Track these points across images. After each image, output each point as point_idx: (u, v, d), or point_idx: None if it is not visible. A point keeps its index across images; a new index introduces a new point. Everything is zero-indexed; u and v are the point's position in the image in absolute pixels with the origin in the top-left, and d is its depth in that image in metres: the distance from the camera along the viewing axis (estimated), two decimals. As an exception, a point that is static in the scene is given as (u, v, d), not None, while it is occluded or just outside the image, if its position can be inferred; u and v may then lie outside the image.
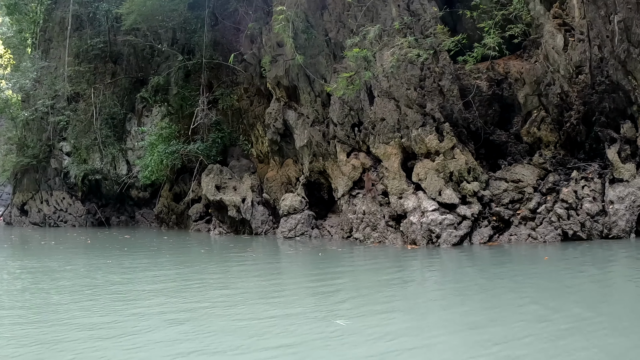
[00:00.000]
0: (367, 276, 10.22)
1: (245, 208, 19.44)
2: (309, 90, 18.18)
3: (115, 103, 23.23)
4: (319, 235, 17.37)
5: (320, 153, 17.60)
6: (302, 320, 6.61)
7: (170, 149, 20.68)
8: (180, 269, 11.56)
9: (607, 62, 13.30)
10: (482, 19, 15.53)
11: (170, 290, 8.94)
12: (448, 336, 5.83)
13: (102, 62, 23.47)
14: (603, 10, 13.33)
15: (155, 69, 22.99)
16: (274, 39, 19.02)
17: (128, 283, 9.76)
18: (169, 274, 10.82)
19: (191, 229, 21.63)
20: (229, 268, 12.01)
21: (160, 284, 9.74)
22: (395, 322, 6.46)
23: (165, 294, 8.63)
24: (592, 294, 7.85)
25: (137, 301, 8.10)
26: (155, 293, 8.78)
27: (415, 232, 13.63)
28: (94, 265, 12.28)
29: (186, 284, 9.64)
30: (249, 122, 21.78)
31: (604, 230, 12.78)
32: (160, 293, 8.76)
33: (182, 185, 23.25)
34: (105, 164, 23.94)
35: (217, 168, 20.56)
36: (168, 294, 8.62)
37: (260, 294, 8.54)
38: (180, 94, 22.26)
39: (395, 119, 14.94)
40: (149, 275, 10.86)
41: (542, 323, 6.10)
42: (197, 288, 9.20)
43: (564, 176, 13.61)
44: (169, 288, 9.21)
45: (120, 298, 8.30)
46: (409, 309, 7.30)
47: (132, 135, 23.94)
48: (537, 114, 14.13)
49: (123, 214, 25.44)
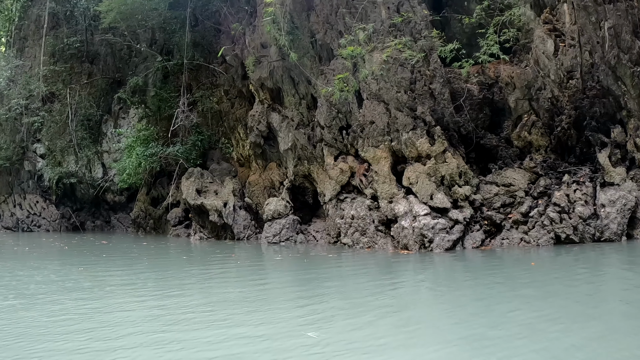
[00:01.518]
0: (357, 282, 9.95)
1: (227, 213, 18.96)
2: (293, 92, 17.88)
3: (91, 104, 22.48)
4: (304, 240, 17.04)
5: (306, 157, 17.30)
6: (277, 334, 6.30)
7: (148, 151, 20.07)
8: (168, 279, 11.09)
9: (598, 68, 13.37)
10: (471, 24, 15.53)
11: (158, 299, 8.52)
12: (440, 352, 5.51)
13: (79, 62, 22.71)
14: (594, 17, 13.40)
15: (133, 70, 22.34)
16: (258, 40, 18.68)
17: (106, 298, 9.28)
18: (155, 284, 10.38)
19: (170, 234, 21.02)
20: (214, 275, 11.56)
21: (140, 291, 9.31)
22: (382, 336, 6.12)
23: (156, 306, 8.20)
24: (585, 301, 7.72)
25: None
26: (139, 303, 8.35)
27: (407, 236, 13.43)
28: (76, 276, 11.70)
29: (169, 292, 9.23)
30: (229, 124, 21.34)
31: (596, 233, 12.81)
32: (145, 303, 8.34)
33: (159, 189, 22.62)
34: (80, 167, 23.13)
35: (198, 171, 20.04)
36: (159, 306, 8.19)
37: (240, 304, 8.16)
38: (158, 95, 21.68)
39: (385, 122, 14.75)
40: (135, 283, 10.38)
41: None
42: (177, 294, 8.79)
43: (554, 180, 13.61)
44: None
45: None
46: (399, 321, 6.89)
47: (109, 138, 23.21)
48: (528, 118, 14.12)
49: (98, 219, 24.62)
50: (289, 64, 17.42)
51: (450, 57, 13.89)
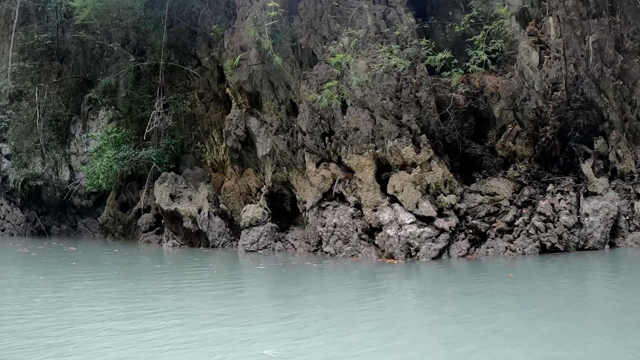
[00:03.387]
0: (344, 293, 9.68)
1: (201, 219, 18.43)
2: (272, 97, 17.57)
3: (60, 104, 21.59)
4: (283, 248, 16.67)
5: (285, 163, 16.97)
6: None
7: (120, 154, 19.37)
8: (137, 290, 10.48)
9: (582, 81, 13.56)
10: (455, 34, 15.58)
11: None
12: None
13: (48, 60, 21.79)
14: (579, 31, 13.60)
15: (104, 70, 21.60)
16: (237, 43, 18.30)
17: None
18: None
19: (140, 240, 20.30)
20: (191, 286, 11.02)
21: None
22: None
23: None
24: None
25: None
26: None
27: (393, 245, 13.25)
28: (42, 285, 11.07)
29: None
30: (203, 129, 20.81)
31: (580, 242, 12.96)
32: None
33: (129, 194, 21.88)
34: (47, 169, 22.17)
35: (172, 176, 19.45)
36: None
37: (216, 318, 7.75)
38: (130, 97, 21.01)
39: (370, 129, 14.58)
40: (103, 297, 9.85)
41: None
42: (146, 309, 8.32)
43: (539, 189, 13.69)
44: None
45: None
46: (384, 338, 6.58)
47: (77, 140, 22.33)
48: (512, 128, 14.18)
49: (64, 223, 23.62)
50: (269, 68, 17.13)
51: (440, 66, 13.83)
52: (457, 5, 15.41)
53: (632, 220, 13.49)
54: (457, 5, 15.49)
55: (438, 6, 15.96)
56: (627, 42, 14.08)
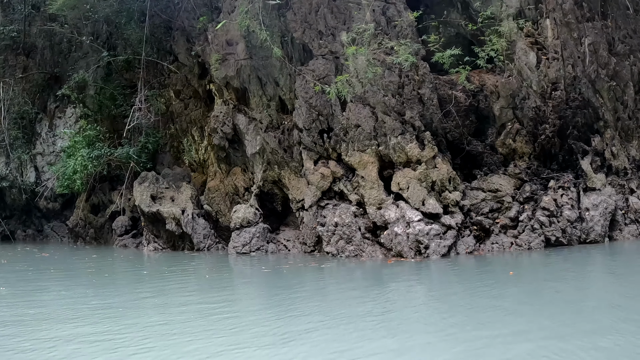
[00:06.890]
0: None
1: (185, 221, 17.71)
2: (260, 93, 17.12)
3: (25, 101, 20.25)
4: (276, 250, 16.24)
5: (276, 161, 16.58)
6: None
7: (95, 152, 18.36)
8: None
9: (580, 81, 13.97)
10: (448, 32, 15.73)
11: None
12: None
13: (14, 54, 20.36)
14: (575, 33, 14.01)
15: (73, 65, 20.45)
16: (223, 37, 17.72)
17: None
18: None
19: (115, 244, 19.29)
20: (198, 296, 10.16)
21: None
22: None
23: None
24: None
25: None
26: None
27: (402, 243, 13.17)
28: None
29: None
30: (182, 127, 20.06)
31: (582, 235, 13.40)
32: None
33: (100, 196, 20.79)
34: (11, 170, 20.73)
35: (153, 176, 18.59)
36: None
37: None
38: (101, 93, 19.99)
39: (372, 125, 14.45)
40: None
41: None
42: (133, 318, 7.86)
43: (539, 186, 14.00)
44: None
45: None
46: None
47: (43, 139, 21.02)
48: (512, 126, 14.42)
49: (30, 227, 22.14)
50: (257, 63, 16.73)
51: (449, 63, 13.88)
52: (454, 5, 15.53)
53: (627, 214, 14.04)
54: (452, 5, 15.61)
55: (432, 5, 16.03)
56: (619, 46, 14.67)
